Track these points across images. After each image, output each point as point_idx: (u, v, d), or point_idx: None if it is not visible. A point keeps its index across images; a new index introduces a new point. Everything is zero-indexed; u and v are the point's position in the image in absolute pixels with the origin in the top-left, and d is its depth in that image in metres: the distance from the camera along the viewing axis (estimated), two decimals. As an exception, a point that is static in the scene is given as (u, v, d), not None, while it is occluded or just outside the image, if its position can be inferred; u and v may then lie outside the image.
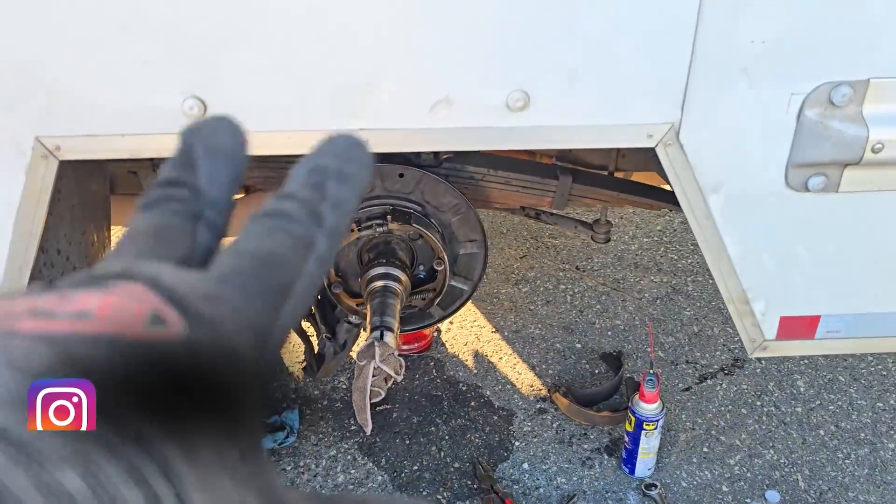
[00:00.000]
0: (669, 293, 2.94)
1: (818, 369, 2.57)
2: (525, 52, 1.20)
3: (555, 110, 1.25)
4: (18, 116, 1.22)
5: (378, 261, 1.85)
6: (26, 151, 1.25)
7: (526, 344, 2.67)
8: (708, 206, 1.33)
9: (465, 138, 1.26)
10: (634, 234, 3.31)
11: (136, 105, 1.22)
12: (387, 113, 1.24)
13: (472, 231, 1.94)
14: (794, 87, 1.24)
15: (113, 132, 1.25)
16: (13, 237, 1.33)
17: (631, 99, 1.24)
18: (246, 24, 1.17)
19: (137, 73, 1.20)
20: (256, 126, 1.25)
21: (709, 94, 1.23)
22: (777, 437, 2.31)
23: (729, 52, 1.20)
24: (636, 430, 2.10)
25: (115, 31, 1.16)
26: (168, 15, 1.15)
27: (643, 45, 1.20)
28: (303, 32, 1.18)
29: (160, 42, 1.17)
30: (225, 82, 1.21)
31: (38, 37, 1.16)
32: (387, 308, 1.78)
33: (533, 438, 2.30)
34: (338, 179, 0.38)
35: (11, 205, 1.30)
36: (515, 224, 3.33)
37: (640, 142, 1.28)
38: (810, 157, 1.28)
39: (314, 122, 1.25)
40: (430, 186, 1.84)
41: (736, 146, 1.29)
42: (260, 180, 2.02)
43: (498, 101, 1.23)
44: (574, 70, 1.22)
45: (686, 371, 2.56)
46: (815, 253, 1.41)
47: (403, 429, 2.34)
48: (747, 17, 1.18)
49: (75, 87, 1.21)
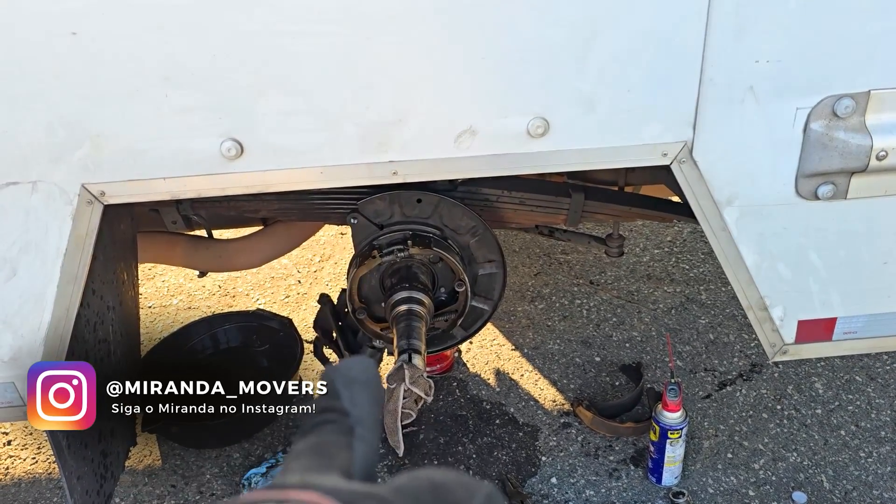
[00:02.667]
0: (684, 302, 2.99)
1: (835, 371, 2.61)
2: (543, 82, 1.27)
3: (573, 135, 1.32)
4: (66, 166, 1.30)
5: (401, 285, 1.89)
6: (73, 199, 1.33)
7: (546, 360, 2.72)
8: (723, 218, 1.39)
9: (489, 165, 1.33)
10: (645, 245, 3.36)
11: (176, 149, 1.30)
12: (414, 145, 1.31)
13: (490, 251, 1.98)
14: (798, 102, 1.31)
15: (155, 176, 1.32)
16: (60, 280, 1.40)
17: (645, 121, 1.31)
18: (279, 69, 1.24)
19: (177, 120, 1.27)
20: (291, 163, 1.33)
21: (719, 112, 1.30)
22: (799, 440, 2.35)
23: (735, 72, 1.27)
24: (661, 439, 2.14)
25: (156, 83, 1.23)
26: (206, 65, 1.23)
27: (653, 71, 1.27)
28: (332, 76, 1.25)
29: (199, 90, 1.25)
30: (260, 125, 1.28)
31: (84, 92, 1.24)
32: (413, 331, 1.82)
33: (559, 453, 2.34)
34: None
35: (59, 249, 1.37)
36: (527, 242, 3.39)
37: (656, 160, 1.34)
38: (818, 167, 1.34)
39: (345, 157, 1.32)
40: (447, 210, 1.89)
41: (747, 160, 1.35)
42: (280, 213, 2.07)
43: (519, 129, 1.30)
44: (589, 97, 1.29)
45: (705, 379, 2.61)
46: (828, 257, 1.47)
47: (431, 450, 2.38)
48: (750, 38, 1.25)
49: (119, 135, 1.28)
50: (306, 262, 3.35)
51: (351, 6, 1.20)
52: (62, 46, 1.19)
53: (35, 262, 1.37)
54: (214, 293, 3.18)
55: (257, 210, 2.00)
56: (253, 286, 3.21)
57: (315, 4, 1.20)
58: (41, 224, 1.33)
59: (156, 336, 2.77)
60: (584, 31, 1.23)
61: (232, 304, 3.11)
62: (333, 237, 3.49)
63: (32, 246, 1.36)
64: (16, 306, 1.41)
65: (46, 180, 1.30)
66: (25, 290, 1.40)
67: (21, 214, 1.33)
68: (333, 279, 3.25)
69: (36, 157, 1.28)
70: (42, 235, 1.34)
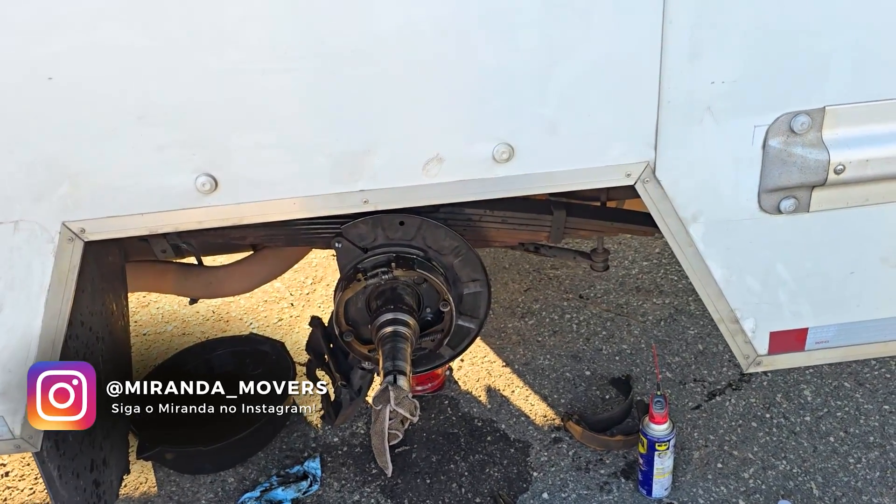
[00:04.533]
0: (672, 314, 3.02)
1: (824, 377, 2.62)
2: (506, 109, 1.31)
3: (538, 158, 1.35)
4: (46, 205, 1.34)
5: (386, 307, 1.92)
6: (54, 237, 1.37)
7: (536, 375, 2.75)
8: (689, 234, 1.43)
9: (457, 191, 1.37)
10: (634, 258, 3.39)
11: (152, 186, 1.34)
12: (384, 174, 1.35)
13: (474, 271, 2.01)
14: (756, 120, 1.34)
15: (133, 212, 1.36)
16: (45, 316, 1.43)
17: (607, 143, 1.35)
18: (249, 105, 1.29)
19: (153, 157, 1.31)
20: (264, 195, 1.36)
21: (679, 132, 1.34)
22: (788, 448, 2.37)
23: (692, 93, 1.31)
24: (649, 451, 2.15)
25: (131, 122, 1.28)
26: (179, 103, 1.27)
27: (613, 94, 1.31)
28: (301, 110, 1.30)
29: (173, 128, 1.29)
30: (234, 159, 1.32)
31: (62, 132, 1.28)
32: (398, 352, 1.85)
33: (550, 468, 2.36)
34: None
35: (43, 285, 1.40)
36: (517, 258, 3.42)
37: (620, 181, 1.38)
38: (779, 182, 1.37)
39: (317, 187, 1.36)
40: (430, 232, 1.92)
41: (709, 177, 1.39)
42: (266, 239, 2.10)
43: (485, 155, 1.34)
44: (552, 122, 1.33)
45: (695, 389, 2.63)
46: (795, 269, 1.50)
47: (423, 468, 2.40)
48: (705, 60, 1.29)
49: (97, 174, 1.32)
50: (298, 285, 3.39)
51: (315, 43, 1.24)
52: (39, 90, 1.23)
53: (20, 298, 1.40)
54: (209, 318, 3.22)
55: (244, 237, 2.03)
56: (246, 311, 3.25)
57: (280, 42, 1.24)
58: (24, 261, 1.37)
59: (151, 363, 2.80)
60: (543, 59, 1.27)
61: (226, 329, 3.15)
62: (325, 259, 3.53)
63: (17, 282, 1.39)
64: (3, 342, 1.45)
65: (28, 219, 1.34)
66: (12, 326, 1.43)
67: (5, 252, 1.36)
68: (325, 301, 3.28)
69: (18, 196, 1.32)
70: (26, 272, 1.38)
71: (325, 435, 2.56)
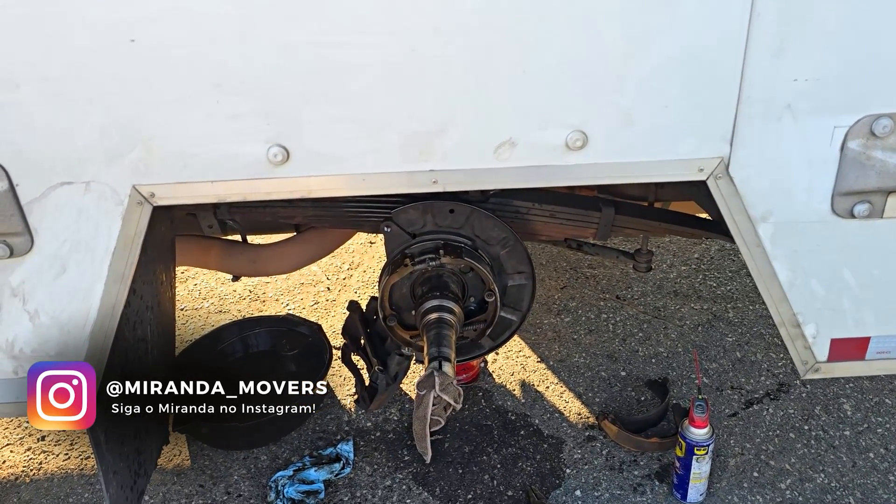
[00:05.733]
0: (710, 320, 2.99)
1: (864, 392, 2.58)
2: (582, 96, 1.30)
3: (610, 148, 1.34)
4: (118, 168, 1.34)
5: (432, 293, 1.92)
6: (123, 200, 1.37)
7: (571, 373, 2.73)
8: (758, 234, 1.41)
9: (527, 176, 1.36)
10: (672, 262, 3.36)
11: (224, 154, 1.34)
12: (454, 155, 1.34)
13: (520, 263, 2.00)
14: (836, 121, 1.32)
15: (203, 179, 1.36)
16: (108, 278, 1.44)
17: (682, 136, 1.33)
18: (326, 79, 1.28)
19: (227, 125, 1.31)
20: (334, 170, 1.36)
21: (756, 129, 1.32)
22: (827, 461, 2.33)
23: (774, 89, 1.29)
24: (687, 455, 2.13)
25: (208, 89, 1.28)
26: (256, 73, 1.27)
27: (692, 86, 1.29)
28: (377, 85, 1.29)
29: (249, 97, 1.29)
30: (306, 132, 1.32)
31: (139, 96, 1.28)
32: (443, 339, 1.84)
33: (584, 466, 2.35)
34: None
35: (108, 248, 1.41)
36: (554, 255, 3.41)
37: (692, 175, 1.36)
38: (855, 186, 1.35)
39: (387, 165, 1.35)
40: (479, 221, 1.91)
41: (783, 177, 1.36)
42: (314, 219, 2.10)
43: (558, 142, 1.32)
44: (628, 112, 1.31)
45: (732, 397, 2.60)
46: (862, 276, 1.47)
47: (456, 458, 2.40)
48: (790, 57, 1.27)
49: (170, 139, 1.33)
50: (335, 270, 3.40)
51: (396, 19, 1.24)
52: (120, 52, 1.24)
53: (84, 260, 1.41)
54: (245, 297, 3.24)
55: (292, 216, 2.03)
56: (283, 292, 3.26)
57: (362, 17, 1.24)
58: (92, 223, 1.38)
59: (187, 338, 2.82)
60: (624, 46, 1.26)
61: (262, 308, 3.16)
62: (362, 246, 3.54)
63: (82, 244, 1.41)
64: (64, 303, 1.46)
65: (99, 181, 1.35)
66: (74, 288, 1.44)
67: (73, 213, 1.38)
68: (362, 287, 3.28)
69: (90, 158, 1.33)
70: (92, 234, 1.39)
71: (359, 419, 2.57)
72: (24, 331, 1.48)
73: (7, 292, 1.44)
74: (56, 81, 1.26)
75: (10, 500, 2.30)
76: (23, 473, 2.39)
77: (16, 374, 1.52)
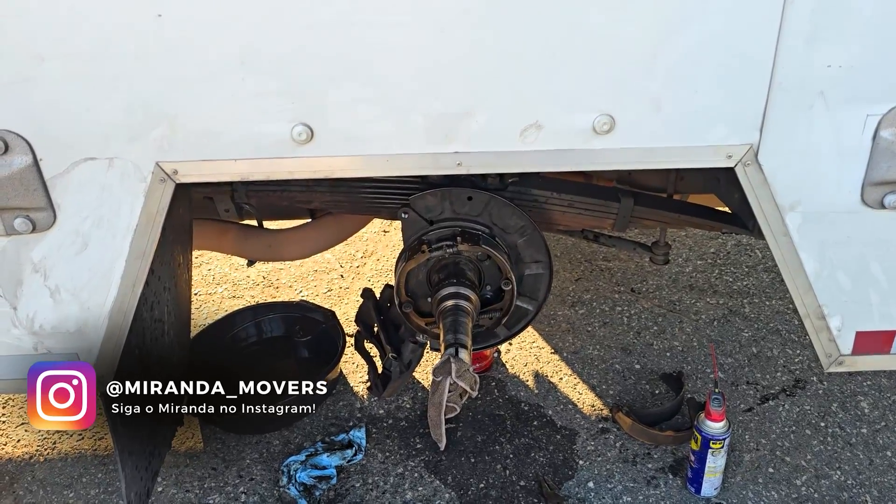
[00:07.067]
0: (726, 315, 2.96)
1: (882, 391, 2.56)
2: (610, 79, 1.28)
3: (638, 133, 1.32)
4: (142, 145, 1.34)
5: (449, 280, 1.91)
6: (146, 176, 1.37)
7: (585, 364, 2.72)
8: (785, 223, 1.39)
9: (553, 160, 1.34)
10: (688, 256, 3.34)
11: (248, 132, 1.33)
12: (480, 138, 1.33)
13: (538, 252, 1.99)
14: (869, 109, 1.29)
15: (226, 157, 1.36)
16: (129, 255, 1.44)
17: (711, 122, 1.31)
18: (352, 59, 1.27)
19: (251, 103, 1.30)
20: (358, 150, 1.35)
21: (787, 116, 1.30)
22: (843, 459, 2.31)
23: (806, 76, 1.27)
24: (703, 448, 2.12)
25: (233, 67, 1.27)
26: (282, 52, 1.26)
27: (723, 72, 1.27)
28: (403, 66, 1.28)
29: (274, 76, 1.28)
30: (331, 111, 1.31)
31: (164, 74, 1.28)
32: (459, 326, 1.83)
33: (597, 457, 2.33)
34: None
35: (130, 225, 1.41)
36: (569, 247, 3.39)
37: (720, 162, 1.34)
38: (886, 176, 1.33)
39: (412, 146, 1.34)
40: (497, 209, 1.90)
41: (813, 166, 1.34)
42: (332, 204, 2.09)
43: (585, 125, 1.31)
44: (657, 97, 1.29)
45: (747, 392, 2.58)
46: (890, 269, 1.45)
47: (468, 447, 2.39)
48: (823, 43, 1.25)
49: (194, 117, 1.32)
50: (349, 258, 3.39)
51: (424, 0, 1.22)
52: (146, 28, 1.23)
53: (106, 236, 1.41)
54: (258, 283, 3.24)
55: (310, 201, 2.03)
56: (296, 278, 3.26)
57: (391, -4, 1.22)
58: (115, 200, 1.38)
59: (201, 322, 2.82)
60: (655, 30, 1.24)
61: (275, 294, 3.16)
62: (376, 234, 3.53)
63: (105, 221, 1.40)
64: (84, 279, 1.46)
65: (123, 157, 1.34)
66: (95, 264, 1.44)
67: (96, 189, 1.37)
68: (375, 275, 3.28)
69: (115, 134, 1.32)
70: (115, 211, 1.39)
71: (371, 406, 2.57)
72: (44, 307, 1.48)
73: (28, 268, 1.44)
74: (81, 57, 1.25)
75: (25, 478, 2.31)
76: (37, 452, 2.41)
77: (35, 350, 1.52)
